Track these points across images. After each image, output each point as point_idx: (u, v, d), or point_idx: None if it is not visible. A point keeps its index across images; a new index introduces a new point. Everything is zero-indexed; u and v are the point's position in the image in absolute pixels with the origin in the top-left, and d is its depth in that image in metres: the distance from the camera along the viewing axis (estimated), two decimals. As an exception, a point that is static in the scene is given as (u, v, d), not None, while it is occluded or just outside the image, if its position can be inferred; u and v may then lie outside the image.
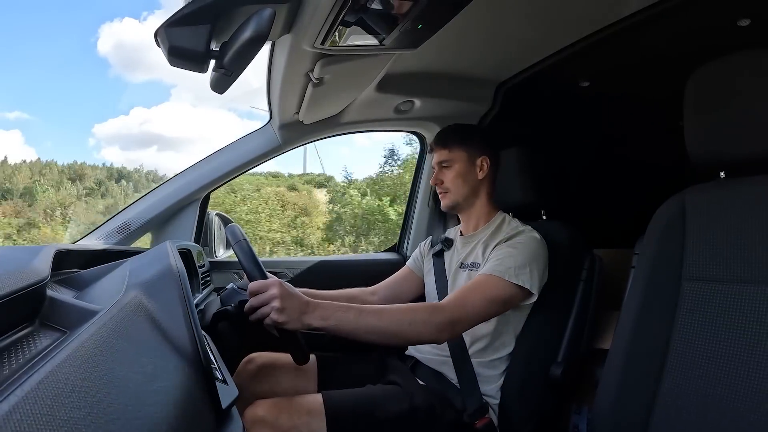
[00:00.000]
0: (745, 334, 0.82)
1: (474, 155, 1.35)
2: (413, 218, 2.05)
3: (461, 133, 1.39)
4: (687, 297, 0.91)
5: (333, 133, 1.78)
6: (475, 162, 1.35)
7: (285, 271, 1.80)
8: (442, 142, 1.38)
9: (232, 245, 1.03)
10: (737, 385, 0.81)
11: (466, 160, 1.35)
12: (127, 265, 0.80)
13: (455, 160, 1.35)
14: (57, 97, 38.01)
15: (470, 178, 1.35)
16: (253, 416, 1.00)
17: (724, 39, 1.36)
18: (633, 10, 1.19)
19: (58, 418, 0.32)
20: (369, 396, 1.13)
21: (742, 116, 0.87)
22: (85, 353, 0.40)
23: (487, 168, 1.35)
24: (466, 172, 1.34)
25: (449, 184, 1.35)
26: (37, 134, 36.89)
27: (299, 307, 0.94)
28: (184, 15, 0.74)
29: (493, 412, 1.19)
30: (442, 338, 1.06)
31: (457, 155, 1.35)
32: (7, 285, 0.43)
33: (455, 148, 1.35)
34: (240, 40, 0.76)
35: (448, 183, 1.36)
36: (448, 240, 1.46)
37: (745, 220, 0.86)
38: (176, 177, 1.67)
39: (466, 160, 1.35)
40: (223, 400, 0.59)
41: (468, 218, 1.41)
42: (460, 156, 1.35)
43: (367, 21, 0.88)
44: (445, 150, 1.36)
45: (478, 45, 1.36)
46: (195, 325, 0.59)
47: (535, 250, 1.19)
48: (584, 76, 1.70)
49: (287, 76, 1.18)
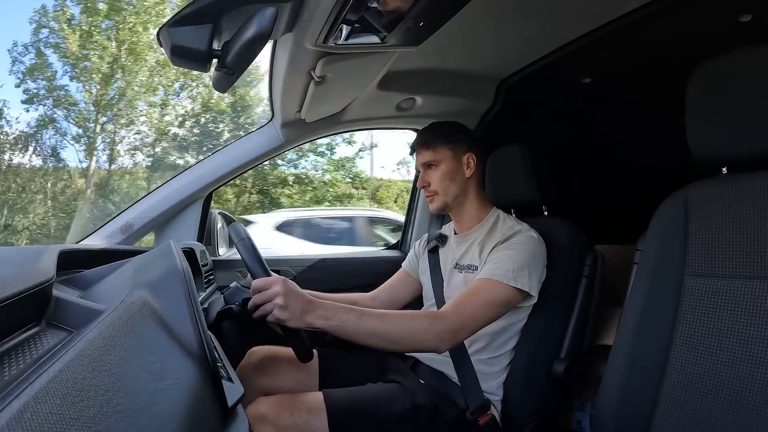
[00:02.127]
0: (748, 329, 0.83)
1: (459, 153, 1.31)
2: (415, 216, 2.05)
3: (444, 131, 1.34)
4: (690, 293, 0.91)
5: (335, 131, 1.78)
6: (461, 160, 1.31)
7: (288, 270, 1.80)
8: (425, 142, 1.33)
9: (235, 243, 1.03)
10: (741, 381, 0.82)
11: (452, 158, 1.31)
12: (132, 264, 0.80)
13: (441, 160, 1.30)
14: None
15: (458, 177, 1.31)
16: (254, 413, 1.01)
17: (725, 35, 1.36)
18: (635, 6, 1.19)
19: (68, 417, 0.32)
20: (371, 395, 1.14)
21: (744, 112, 0.87)
22: (93, 352, 0.41)
23: (474, 165, 1.32)
24: (454, 171, 1.30)
25: (436, 186, 1.31)
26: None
27: (302, 305, 0.94)
28: (186, 14, 0.74)
29: (495, 409, 1.20)
30: (443, 347, 1.05)
31: (442, 155, 1.31)
32: (14, 285, 0.43)
33: (440, 147, 1.31)
34: (242, 39, 0.77)
35: (435, 185, 1.31)
36: (442, 236, 1.44)
37: (748, 215, 0.86)
38: (179, 176, 1.67)
39: (451, 158, 1.31)
40: (229, 398, 0.59)
41: (460, 218, 1.38)
42: (446, 155, 1.31)
43: (368, 19, 0.88)
44: (429, 150, 1.32)
45: (479, 42, 1.36)
46: (201, 324, 0.59)
47: (533, 250, 1.18)
48: (586, 73, 1.70)
49: (289, 75, 1.18)
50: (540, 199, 1.39)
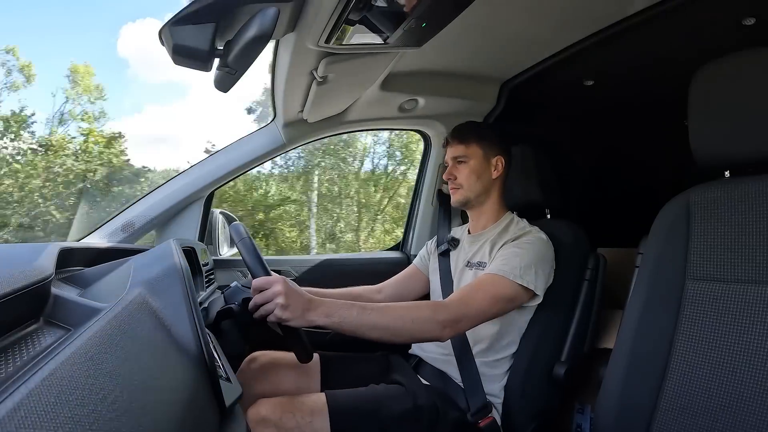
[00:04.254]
0: (749, 334, 0.82)
1: (490, 154, 1.34)
2: (417, 216, 2.05)
3: (479, 130, 1.38)
4: (691, 297, 0.91)
5: (337, 131, 1.78)
6: (490, 161, 1.34)
7: (289, 270, 1.80)
8: (460, 137, 1.36)
9: (235, 243, 1.03)
10: (741, 384, 0.81)
11: (482, 157, 1.34)
12: (131, 263, 0.80)
13: (471, 157, 1.34)
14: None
15: (484, 176, 1.34)
16: (256, 415, 1.00)
17: (728, 38, 1.36)
18: (638, 8, 1.19)
19: (62, 416, 0.32)
20: (372, 396, 1.13)
21: (746, 115, 0.87)
22: (89, 351, 0.40)
23: (502, 168, 1.34)
24: (481, 170, 1.33)
25: (463, 180, 1.34)
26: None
27: (303, 304, 0.94)
28: (188, 13, 0.74)
29: (496, 412, 1.20)
30: (445, 336, 1.06)
31: (473, 152, 1.34)
32: (12, 282, 0.43)
33: (472, 144, 1.34)
34: (244, 38, 0.76)
35: (461, 179, 1.34)
36: (454, 240, 1.46)
37: (750, 219, 0.86)
38: (180, 175, 1.67)
39: (481, 157, 1.34)
40: (226, 398, 0.59)
41: (478, 217, 1.40)
42: (477, 153, 1.34)
43: (371, 19, 0.87)
44: (462, 145, 1.35)
45: (482, 43, 1.36)
46: (199, 323, 0.59)
47: (541, 251, 1.19)
48: (589, 75, 1.70)
49: (291, 75, 1.18)
50: (543, 202, 1.38)
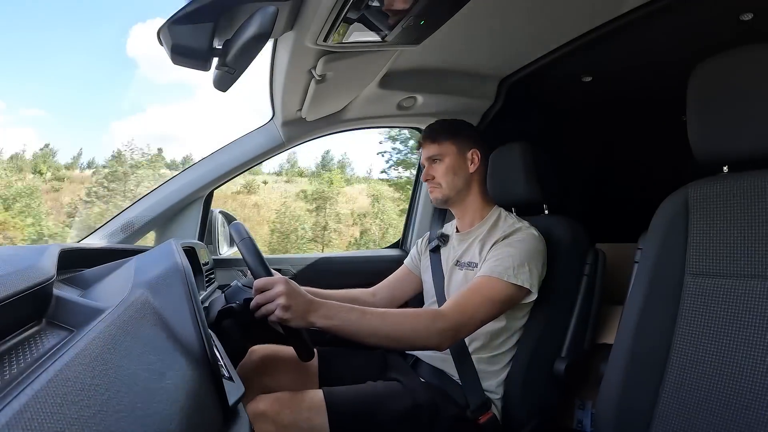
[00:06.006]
0: (748, 329, 0.83)
1: (464, 148, 1.36)
2: (416, 215, 2.05)
3: (450, 127, 1.39)
4: (690, 292, 0.91)
5: (335, 129, 1.78)
6: (465, 155, 1.36)
7: (289, 268, 1.80)
8: (432, 136, 1.38)
9: (236, 243, 1.03)
10: (741, 379, 0.82)
11: (456, 153, 1.36)
12: (132, 263, 0.80)
13: (445, 154, 1.35)
14: (77, 97, 38.12)
15: (461, 171, 1.35)
16: (254, 411, 1.01)
17: (726, 33, 1.36)
18: (636, 4, 1.19)
19: (68, 417, 0.32)
20: (371, 393, 1.13)
21: (744, 111, 0.87)
22: (93, 352, 0.40)
23: (478, 161, 1.36)
24: (457, 166, 1.35)
25: (440, 179, 1.36)
26: (52, 132, 37.04)
27: (304, 305, 0.94)
28: (187, 13, 0.74)
29: (495, 408, 1.20)
30: (444, 345, 1.06)
31: (447, 149, 1.36)
32: (14, 284, 0.43)
33: (444, 142, 1.36)
34: (243, 37, 0.76)
35: (439, 177, 1.36)
36: (444, 236, 1.46)
37: (749, 214, 0.86)
38: (179, 175, 1.67)
39: (456, 153, 1.35)
40: (230, 397, 0.59)
41: (462, 214, 1.40)
42: (450, 149, 1.36)
43: (369, 18, 0.88)
44: (434, 144, 1.37)
45: (480, 41, 1.36)
46: (202, 323, 0.59)
47: (533, 247, 1.19)
48: (587, 71, 1.70)
49: (290, 74, 1.18)
50: (541, 198, 1.39)
